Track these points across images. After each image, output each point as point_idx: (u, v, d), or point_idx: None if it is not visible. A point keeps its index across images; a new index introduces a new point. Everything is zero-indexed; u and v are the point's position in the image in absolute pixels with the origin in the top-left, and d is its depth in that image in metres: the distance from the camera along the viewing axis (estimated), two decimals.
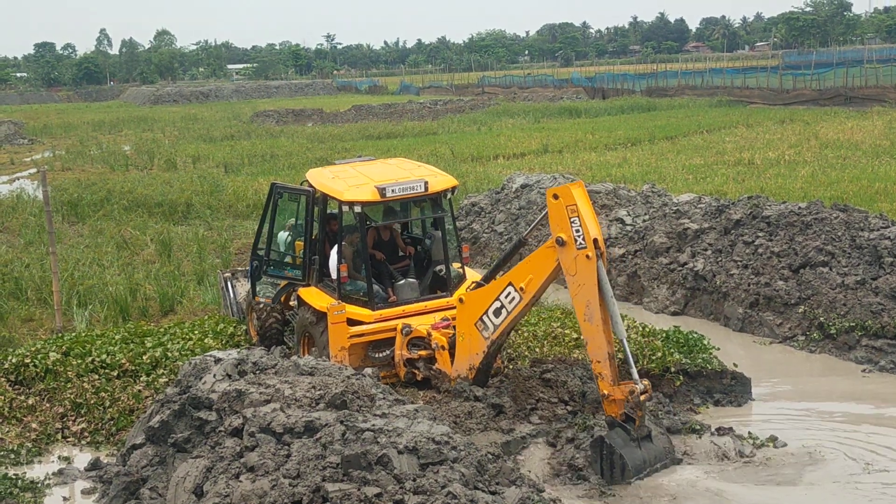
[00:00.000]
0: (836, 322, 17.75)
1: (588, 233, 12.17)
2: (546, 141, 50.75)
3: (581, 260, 12.22)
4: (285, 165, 46.53)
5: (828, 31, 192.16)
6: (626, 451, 12.03)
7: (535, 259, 13.07)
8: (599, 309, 12.17)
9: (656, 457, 12.33)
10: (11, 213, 35.05)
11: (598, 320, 12.17)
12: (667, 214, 23.22)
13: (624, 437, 12.09)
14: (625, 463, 11.96)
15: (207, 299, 21.78)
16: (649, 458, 12.24)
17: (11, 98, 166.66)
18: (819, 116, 57.73)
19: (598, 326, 12.18)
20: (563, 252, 12.45)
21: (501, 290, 13.41)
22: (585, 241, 12.16)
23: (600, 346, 12.20)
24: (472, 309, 13.82)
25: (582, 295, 12.31)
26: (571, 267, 12.38)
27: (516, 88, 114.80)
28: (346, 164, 16.51)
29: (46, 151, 65.66)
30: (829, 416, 14.90)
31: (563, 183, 27.34)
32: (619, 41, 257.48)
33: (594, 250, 12.13)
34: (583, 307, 12.33)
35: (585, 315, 12.31)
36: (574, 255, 12.30)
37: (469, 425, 12.81)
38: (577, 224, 12.23)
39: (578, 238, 12.22)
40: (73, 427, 14.60)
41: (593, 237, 12.15)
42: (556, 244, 12.49)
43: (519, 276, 13.23)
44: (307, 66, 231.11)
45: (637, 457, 12.10)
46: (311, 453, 9.40)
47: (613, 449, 12.00)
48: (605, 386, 12.20)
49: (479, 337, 13.76)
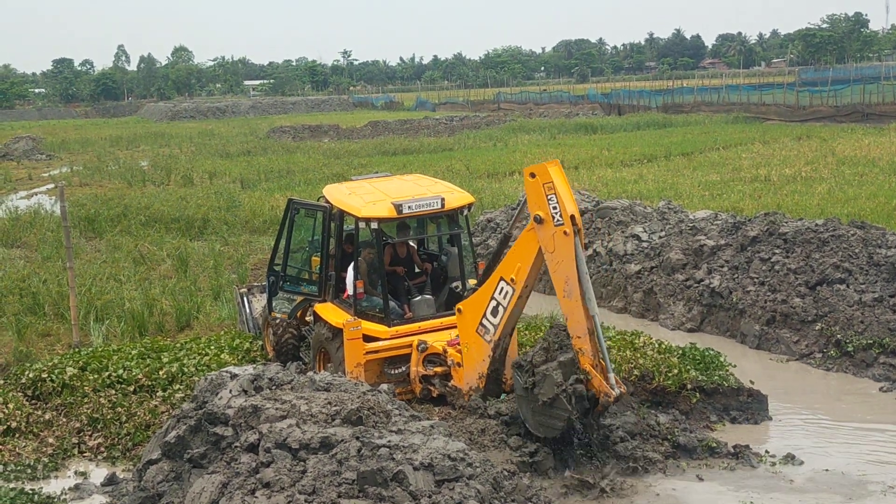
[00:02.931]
0: (853, 339, 17.67)
1: (565, 210, 12.30)
2: (562, 157, 50.64)
3: (559, 236, 12.36)
4: (301, 181, 46.61)
5: (844, 47, 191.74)
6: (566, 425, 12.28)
7: (518, 246, 13.20)
8: (578, 285, 12.23)
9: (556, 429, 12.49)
10: (29, 229, 35.19)
11: (578, 296, 12.21)
12: (683, 231, 23.18)
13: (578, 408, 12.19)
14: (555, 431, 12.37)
15: (224, 315, 21.82)
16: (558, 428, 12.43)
17: (30, 114, 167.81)
18: (836, 133, 57.56)
19: (578, 302, 12.21)
20: (541, 230, 12.64)
21: (494, 287, 13.50)
22: (563, 217, 12.30)
23: (580, 321, 12.21)
24: (471, 316, 13.86)
25: (561, 271, 12.42)
26: (550, 244, 12.53)
27: (532, 105, 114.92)
28: (363, 180, 16.55)
29: (64, 167, 66.00)
30: (847, 434, 14.81)
31: (578, 200, 27.36)
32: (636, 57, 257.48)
33: (571, 227, 12.25)
34: (562, 283, 12.40)
35: (565, 291, 12.37)
36: (552, 232, 12.45)
37: (484, 442, 12.79)
38: (553, 201, 12.40)
39: (556, 215, 12.38)
40: (90, 442, 14.64)
41: (570, 214, 12.28)
42: (534, 222, 12.67)
43: (508, 268, 13.35)
44: (324, 82, 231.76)
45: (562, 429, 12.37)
46: (326, 469, 9.39)
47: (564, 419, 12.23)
48: (586, 362, 12.13)
49: (481, 342, 13.76)
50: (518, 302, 13.38)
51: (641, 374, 15.28)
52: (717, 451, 13.58)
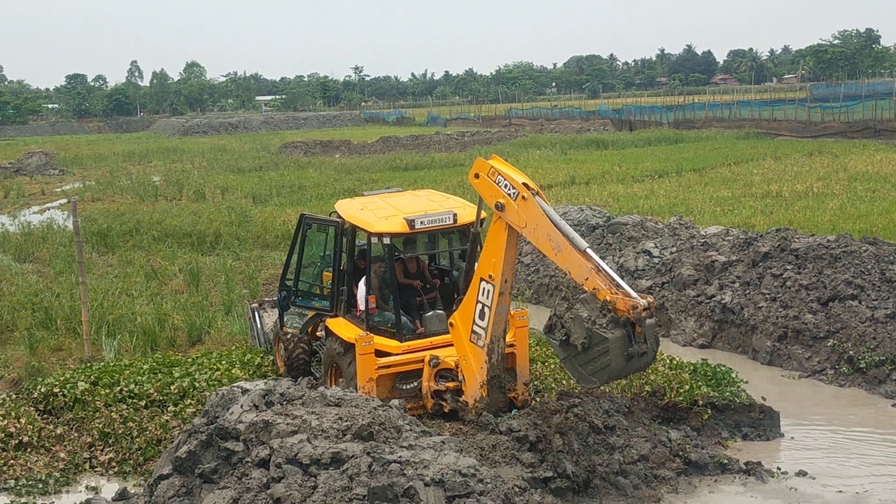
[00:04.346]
0: (865, 356, 17.62)
1: (515, 181, 12.68)
2: (573, 173, 50.74)
3: (522, 205, 12.57)
4: (313, 196, 46.70)
5: (856, 63, 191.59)
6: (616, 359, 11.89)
7: (488, 242, 13.38)
8: (561, 236, 12.27)
9: (634, 370, 12.38)
10: (42, 243, 35.31)
11: (567, 245, 12.25)
12: (694, 247, 23.15)
13: (623, 345, 11.87)
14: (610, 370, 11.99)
15: (235, 330, 21.84)
16: (628, 370, 12.26)
17: (43, 129, 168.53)
18: (847, 149, 57.48)
19: (570, 249, 12.24)
20: (506, 214, 12.86)
21: (477, 289, 13.58)
22: (516, 188, 12.60)
23: (580, 265, 12.18)
24: (462, 326, 13.90)
25: (540, 233, 12.53)
26: (519, 219, 12.71)
27: (543, 120, 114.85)
28: (375, 196, 16.57)
29: (77, 182, 66.22)
30: (860, 450, 14.76)
31: (589, 215, 27.37)
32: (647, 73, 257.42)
33: (527, 191, 12.51)
34: (547, 243, 12.48)
35: (553, 248, 12.41)
36: (515, 206, 12.67)
37: (495, 458, 12.76)
38: (502, 182, 12.80)
39: (510, 191, 12.67)
40: (101, 457, 14.66)
41: (521, 182, 12.61)
42: (497, 212, 12.93)
43: (484, 267, 13.48)
44: (335, 97, 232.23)
45: (619, 367, 12.01)
46: (337, 485, 9.39)
47: (607, 353, 11.86)
48: (605, 293, 11.94)
49: (476, 350, 13.75)
50: (501, 299, 13.37)
51: (653, 390, 15.26)
52: (728, 467, 13.55)
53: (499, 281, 13.21)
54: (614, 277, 12.07)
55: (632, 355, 11.84)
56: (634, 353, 11.82)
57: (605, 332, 11.77)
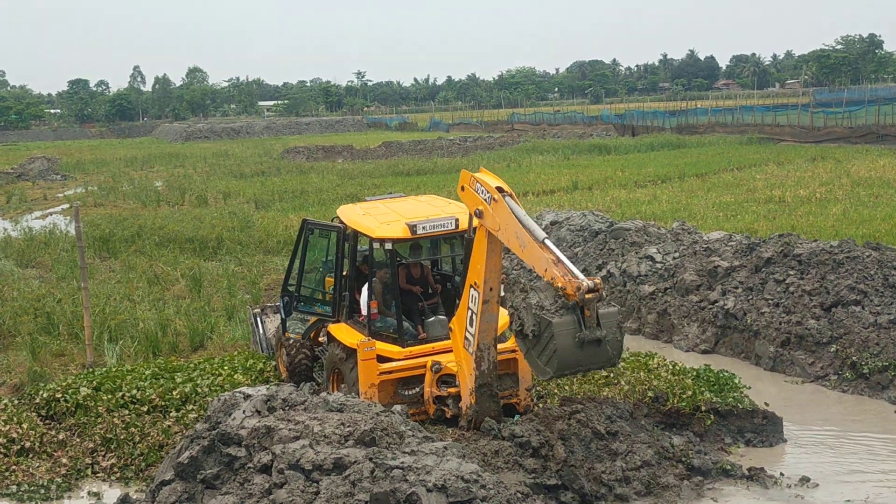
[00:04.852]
0: (868, 361, 17.59)
1: (489, 186, 12.77)
2: (575, 178, 50.75)
3: (494, 208, 12.65)
4: (315, 201, 46.73)
5: (859, 68, 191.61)
6: (563, 344, 11.58)
7: (474, 249, 13.41)
8: (526, 232, 12.27)
9: (593, 362, 11.96)
10: (44, 248, 35.35)
11: (530, 240, 12.21)
12: (697, 252, 23.12)
13: (571, 331, 11.59)
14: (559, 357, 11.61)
15: (237, 335, 21.84)
16: (584, 360, 11.81)
17: (45, 134, 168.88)
18: (850, 154, 57.47)
19: (532, 244, 12.20)
20: (485, 220, 12.91)
21: (467, 296, 13.57)
22: (490, 192, 12.71)
23: (540, 258, 12.10)
24: (458, 332, 13.87)
25: (509, 232, 12.53)
26: (494, 222, 12.74)
27: (546, 125, 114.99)
28: (377, 201, 16.57)
29: (79, 187, 66.36)
30: (863, 456, 14.73)
31: (592, 220, 27.36)
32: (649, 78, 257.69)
33: (498, 193, 12.60)
34: (515, 240, 12.46)
35: (520, 245, 12.38)
36: (490, 211, 12.73)
37: (497, 464, 12.73)
38: (479, 188, 12.91)
39: (485, 196, 12.80)
40: (103, 462, 14.64)
41: (495, 186, 12.73)
42: (478, 219, 13.06)
43: (472, 274, 13.47)
44: (338, 102, 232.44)
45: (569, 354, 11.64)
46: (339, 491, 9.37)
47: (553, 338, 11.60)
48: (559, 280, 11.78)
49: (468, 356, 13.71)
50: (486, 307, 13.30)
51: (656, 396, 15.24)
52: (731, 473, 13.52)
53: (483, 288, 13.15)
54: (569, 266, 11.89)
55: (583, 341, 11.54)
56: (585, 338, 11.53)
57: (550, 317, 11.60)
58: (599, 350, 11.71)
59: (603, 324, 11.66)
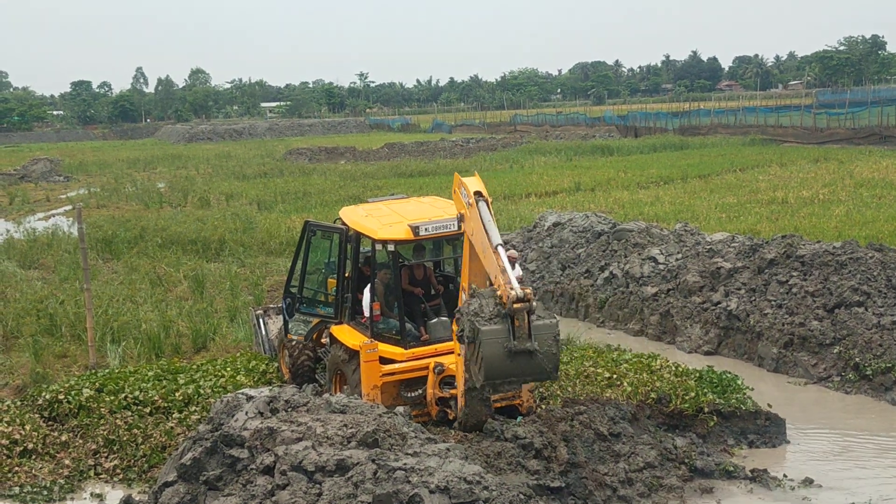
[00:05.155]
0: (871, 363, 17.57)
1: (469, 190, 12.82)
2: (578, 179, 50.74)
3: (471, 212, 12.74)
4: (318, 203, 46.73)
5: (862, 69, 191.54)
6: (491, 353, 11.39)
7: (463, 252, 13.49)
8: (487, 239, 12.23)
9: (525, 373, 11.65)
10: (47, 250, 35.37)
11: (488, 246, 12.17)
12: (700, 253, 23.11)
13: (500, 340, 11.38)
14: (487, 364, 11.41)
15: (240, 336, 21.84)
16: (515, 371, 11.51)
17: (48, 136, 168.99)
18: (853, 155, 57.45)
19: (489, 251, 12.14)
20: (465, 224, 13.12)
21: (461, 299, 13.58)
22: (469, 197, 12.79)
23: (493, 264, 12.04)
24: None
25: (477, 237, 12.58)
26: (469, 227, 12.86)
27: (548, 127, 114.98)
28: (379, 203, 16.55)
29: (82, 188, 66.41)
30: (866, 457, 14.71)
31: (594, 222, 27.34)
32: (652, 80, 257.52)
33: (474, 198, 12.63)
34: (479, 245, 12.53)
35: (483, 251, 12.39)
36: (468, 215, 12.87)
37: (500, 465, 12.72)
38: (463, 192, 13.04)
39: (466, 200, 12.91)
40: (106, 464, 14.64)
41: (474, 191, 12.75)
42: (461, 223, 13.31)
43: (462, 277, 13.58)
44: (340, 104, 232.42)
45: (497, 363, 11.41)
46: (342, 492, 9.37)
47: (481, 345, 11.43)
48: (500, 288, 11.64)
49: (461, 360, 13.65)
50: None
51: (658, 398, 15.22)
52: (734, 474, 13.51)
53: (468, 291, 13.12)
54: (509, 275, 11.67)
55: (512, 351, 11.32)
56: (514, 349, 11.30)
57: (481, 324, 11.45)
58: (532, 362, 11.42)
59: (536, 336, 11.39)
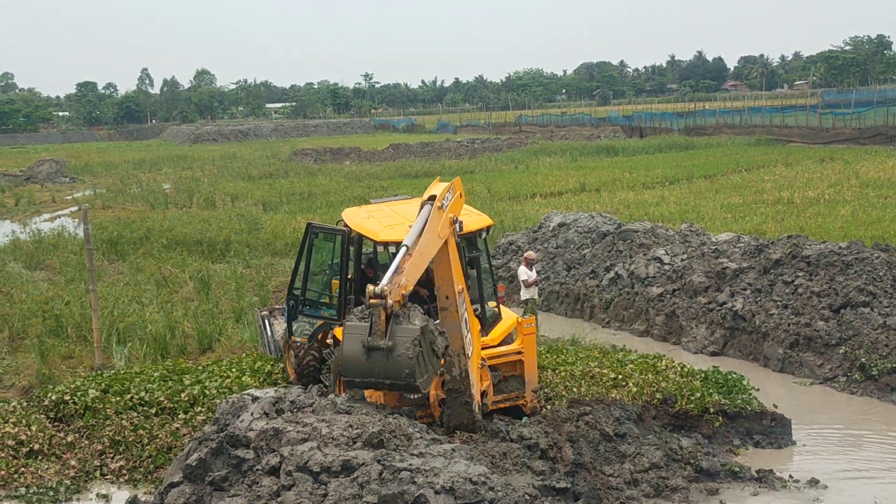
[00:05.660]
0: (877, 363, 17.54)
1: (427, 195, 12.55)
2: (583, 179, 50.73)
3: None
4: (323, 203, 46.75)
5: (868, 69, 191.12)
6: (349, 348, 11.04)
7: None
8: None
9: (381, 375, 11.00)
10: (52, 251, 35.41)
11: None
12: (705, 254, 23.09)
13: (358, 333, 10.99)
14: (344, 355, 11.11)
15: (245, 337, 21.85)
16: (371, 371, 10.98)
17: (54, 137, 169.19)
18: (859, 155, 57.37)
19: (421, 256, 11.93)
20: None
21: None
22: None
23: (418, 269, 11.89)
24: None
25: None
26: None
27: (553, 127, 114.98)
28: (382, 204, 16.54)
29: (87, 189, 66.49)
30: (872, 458, 14.69)
31: (600, 222, 27.33)
32: (657, 80, 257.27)
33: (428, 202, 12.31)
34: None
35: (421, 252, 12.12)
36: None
37: (506, 466, 12.72)
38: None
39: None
40: (112, 464, 14.65)
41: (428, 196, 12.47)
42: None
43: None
44: (345, 105, 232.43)
45: (353, 356, 11.02)
46: (347, 493, 9.36)
47: (343, 340, 11.13)
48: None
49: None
50: (444, 314, 13.03)
51: (664, 398, 15.21)
52: (740, 475, 13.49)
53: (439, 295, 13.05)
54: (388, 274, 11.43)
55: (368, 347, 10.87)
56: (367, 344, 10.85)
57: (349, 320, 11.19)
58: (387, 363, 10.88)
59: (392, 336, 10.90)
